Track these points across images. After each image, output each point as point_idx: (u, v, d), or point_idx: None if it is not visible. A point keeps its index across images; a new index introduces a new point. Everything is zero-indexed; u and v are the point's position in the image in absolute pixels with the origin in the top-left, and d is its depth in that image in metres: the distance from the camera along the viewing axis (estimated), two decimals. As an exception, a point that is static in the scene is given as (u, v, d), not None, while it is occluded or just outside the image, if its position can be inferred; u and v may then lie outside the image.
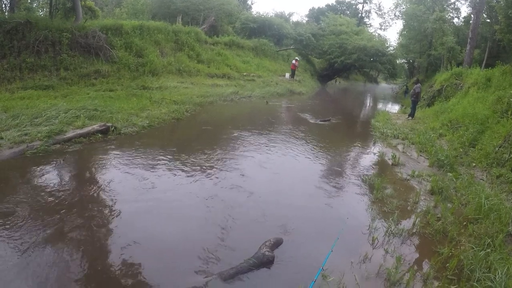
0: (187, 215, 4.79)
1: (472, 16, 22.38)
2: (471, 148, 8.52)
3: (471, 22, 22.27)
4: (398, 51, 38.01)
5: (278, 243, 4.16)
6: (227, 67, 21.31)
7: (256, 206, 5.19)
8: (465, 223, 4.99)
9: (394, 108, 22.57)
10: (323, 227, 4.86)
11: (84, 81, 12.12)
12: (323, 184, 6.53)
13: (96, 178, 5.71)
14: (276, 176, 6.71)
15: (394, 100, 29.94)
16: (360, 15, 58.64)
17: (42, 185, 5.21)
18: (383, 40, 39.60)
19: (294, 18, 55.36)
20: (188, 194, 5.37)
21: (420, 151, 8.94)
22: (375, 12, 74.24)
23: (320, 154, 8.67)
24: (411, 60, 39.19)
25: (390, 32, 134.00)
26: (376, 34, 48.59)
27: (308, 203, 5.61)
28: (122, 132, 8.22)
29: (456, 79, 16.63)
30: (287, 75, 27.00)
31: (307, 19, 53.85)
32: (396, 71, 39.58)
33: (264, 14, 38.21)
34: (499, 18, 16.72)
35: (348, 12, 56.04)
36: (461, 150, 8.55)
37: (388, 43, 39.70)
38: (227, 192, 5.57)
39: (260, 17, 34.35)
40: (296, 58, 28.54)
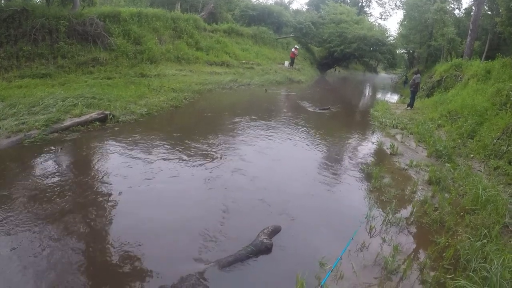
0: (186, 202, 4.82)
1: (473, 7, 22.18)
2: (469, 140, 8.55)
3: (472, 13, 22.04)
4: (398, 41, 37.82)
5: (276, 230, 4.19)
6: (226, 54, 21.11)
7: (255, 193, 5.25)
8: (462, 213, 5.03)
9: (393, 98, 22.48)
10: (321, 215, 4.89)
11: (82, 69, 12.01)
12: (321, 172, 6.57)
13: (95, 166, 5.71)
14: (275, 163, 6.74)
15: (393, 90, 29.86)
16: (360, 4, 57.82)
17: (40, 174, 5.20)
18: (383, 30, 39.34)
19: (294, 6, 54.74)
20: (186, 181, 5.40)
21: (419, 141, 8.96)
22: (376, 1, 73.02)
23: (319, 142, 8.68)
24: (411, 51, 39.00)
25: (391, 22, 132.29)
26: (377, 24, 48.40)
27: (306, 190, 5.64)
28: (120, 120, 8.18)
29: (456, 71, 16.56)
30: (286, 63, 26.81)
31: (307, 7, 52.97)
32: (396, 61, 39.40)
33: (264, 2, 37.78)
34: (500, 11, 16.62)
35: (349, 1, 55.15)
36: (459, 141, 8.58)
37: (388, 33, 39.47)
38: (226, 179, 5.60)
39: (260, 4, 33.87)
40: (296, 46, 28.31)
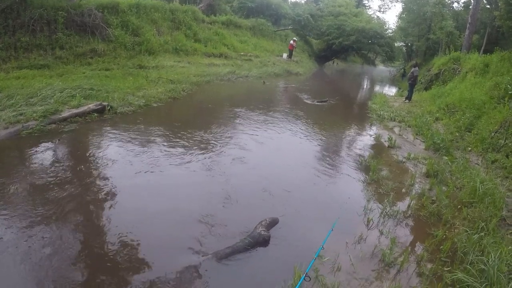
0: (184, 193, 4.83)
1: (472, 1, 22.00)
2: (467, 133, 8.59)
3: (470, 7, 21.94)
4: (397, 34, 37.70)
5: (273, 222, 4.21)
6: (224, 46, 21.02)
7: (254, 183, 5.32)
8: (459, 206, 5.07)
9: (391, 90, 22.51)
10: (318, 207, 4.92)
11: (80, 60, 11.90)
12: (319, 164, 6.59)
13: (93, 157, 5.69)
14: (272, 154, 6.78)
15: (392, 82, 29.87)
16: (359, -4, 57.58)
17: (37, 165, 5.19)
18: (382, 23, 39.06)
19: (292, -2, 54.26)
20: (185, 171, 5.41)
21: (416, 134, 9.00)
22: (375, -6, 72.86)
23: (317, 134, 8.70)
24: (409, 44, 38.94)
25: (389, 14, 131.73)
26: (375, 16, 48.06)
27: (303, 182, 5.65)
28: (118, 111, 8.15)
29: (454, 64, 16.57)
30: (285, 55, 26.73)
31: (305, -1, 52.78)
32: (394, 54, 39.23)
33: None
34: (499, 4, 16.51)
35: (347, -6, 54.92)
36: (457, 134, 8.61)
37: (387, 25, 39.33)
38: (225, 169, 5.61)
39: (258, -4, 33.58)
40: (294, 38, 28.15)
